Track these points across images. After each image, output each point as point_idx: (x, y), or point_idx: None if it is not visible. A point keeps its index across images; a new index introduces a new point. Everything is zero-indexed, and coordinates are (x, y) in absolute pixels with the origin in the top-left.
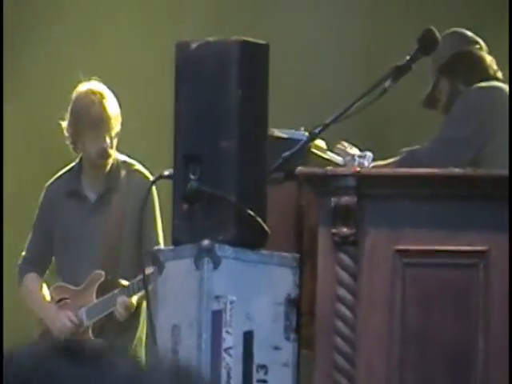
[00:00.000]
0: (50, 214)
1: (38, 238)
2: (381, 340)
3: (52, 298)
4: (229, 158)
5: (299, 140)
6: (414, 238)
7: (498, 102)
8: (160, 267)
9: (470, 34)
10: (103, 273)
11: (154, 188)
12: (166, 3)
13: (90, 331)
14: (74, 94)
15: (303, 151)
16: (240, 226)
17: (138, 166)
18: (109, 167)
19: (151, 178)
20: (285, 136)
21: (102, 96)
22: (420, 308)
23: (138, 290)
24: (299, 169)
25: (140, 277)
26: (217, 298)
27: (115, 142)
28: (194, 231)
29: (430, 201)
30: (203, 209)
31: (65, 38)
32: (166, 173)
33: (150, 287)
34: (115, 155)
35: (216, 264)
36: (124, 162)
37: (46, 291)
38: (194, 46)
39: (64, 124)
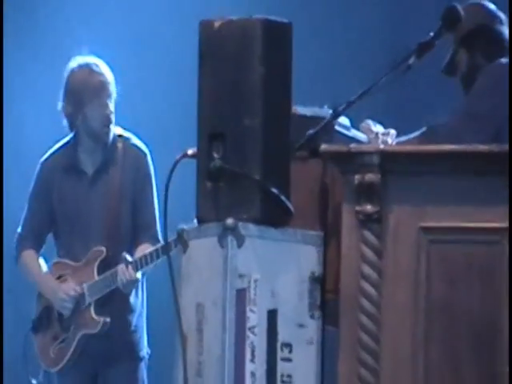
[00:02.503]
0: (46, 190)
1: (34, 214)
2: (406, 317)
3: (52, 274)
4: (253, 135)
5: (323, 118)
6: (439, 215)
7: None
8: (184, 246)
9: (492, 7)
10: (104, 249)
11: (150, 161)
12: None
13: (93, 309)
14: (67, 71)
15: (327, 129)
16: (264, 204)
17: (135, 140)
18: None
19: (147, 151)
20: (309, 114)
21: (96, 64)
22: (445, 284)
23: (142, 267)
24: (323, 146)
25: (145, 252)
26: (241, 276)
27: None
28: (218, 209)
29: (454, 177)
30: (227, 187)
31: (81, 18)
32: (190, 151)
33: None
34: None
35: (240, 242)
36: (120, 135)
37: (44, 266)
38: (217, 24)
39: (60, 104)
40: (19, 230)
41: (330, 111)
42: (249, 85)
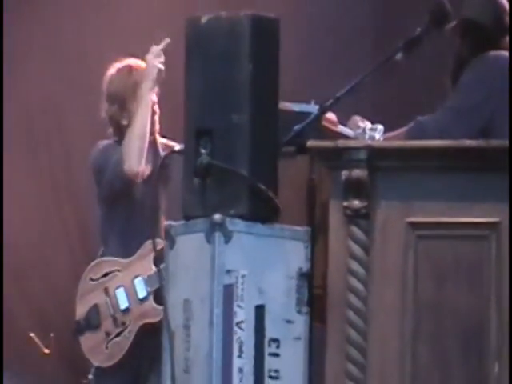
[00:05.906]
0: None
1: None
2: (393, 313)
3: (94, 274)
4: (240, 131)
5: (310, 113)
6: (426, 211)
7: (508, 72)
8: (171, 242)
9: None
10: (162, 241)
11: None
12: None
13: (152, 298)
14: (108, 74)
15: (314, 124)
16: (252, 200)
17: (172, 143)
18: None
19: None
20: (296, 109)
21: (133, 63)
22: (433, 280)
23: None
24: (310, 142)
25: None
26: (228, 272)
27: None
28: (205, 206)
29: (442, 173)
30: (214, 183)
31: (76, 14)
32: (177, 148)
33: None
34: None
35: (227, 238)
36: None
37: None
38: (204, 20)
39: (105, 107)
40: None
41: (317, 107)
42: (237, 81)
